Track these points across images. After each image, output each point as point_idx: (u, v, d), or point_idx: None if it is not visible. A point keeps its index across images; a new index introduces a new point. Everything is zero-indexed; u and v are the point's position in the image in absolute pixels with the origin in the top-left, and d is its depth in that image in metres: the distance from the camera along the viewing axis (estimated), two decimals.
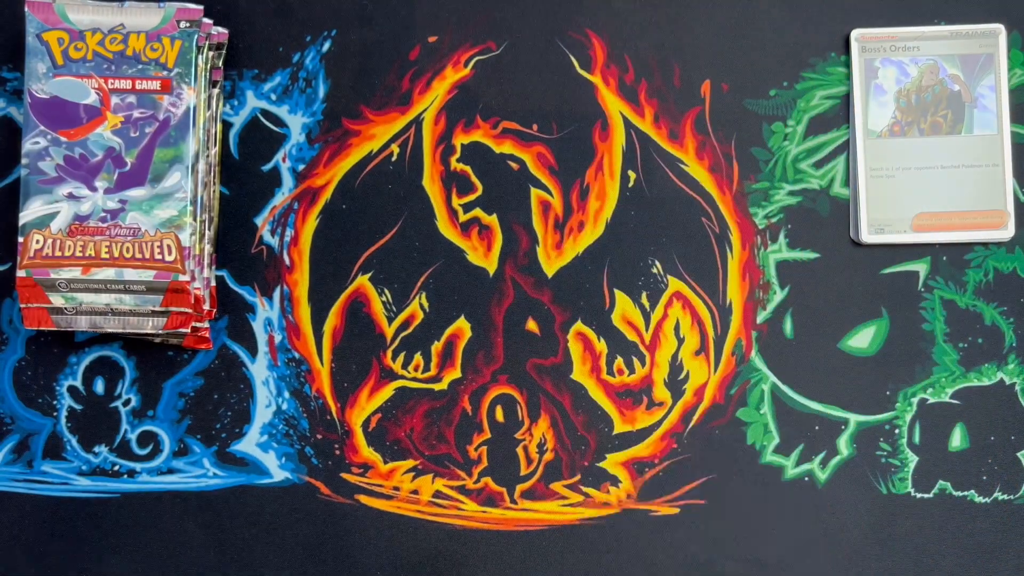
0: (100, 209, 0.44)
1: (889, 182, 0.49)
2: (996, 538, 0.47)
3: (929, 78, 0.49)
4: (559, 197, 0.47)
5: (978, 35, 0.49)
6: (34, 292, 0.44)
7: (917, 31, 0.49)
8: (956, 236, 0.48)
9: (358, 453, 0.47)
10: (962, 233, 0.48)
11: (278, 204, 0.47)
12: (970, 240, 0.47)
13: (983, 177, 0.49)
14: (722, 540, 0.47)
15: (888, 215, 0.48)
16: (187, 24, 0.45)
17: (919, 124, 0.49)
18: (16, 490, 0.47)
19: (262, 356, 0.47)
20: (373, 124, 0.47)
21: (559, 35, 0.48)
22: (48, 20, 0.45)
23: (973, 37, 0.49)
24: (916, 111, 0.49)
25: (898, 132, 0.49)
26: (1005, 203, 0.48)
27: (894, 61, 0.49)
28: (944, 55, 0.49)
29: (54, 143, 0.44)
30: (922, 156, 0.49)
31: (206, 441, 0.47)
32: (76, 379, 0.47)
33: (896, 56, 0.49)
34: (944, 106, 0.49)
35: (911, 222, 0.48)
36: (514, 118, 0.47)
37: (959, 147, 0.49)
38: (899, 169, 0.49)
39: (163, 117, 0.44)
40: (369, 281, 0.47)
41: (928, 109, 0.49)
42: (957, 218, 0.48)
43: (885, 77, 0.49)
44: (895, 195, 0.49)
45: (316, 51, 0.47)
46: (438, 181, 0.47)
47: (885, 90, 0.49)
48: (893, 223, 0.48)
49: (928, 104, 0.49)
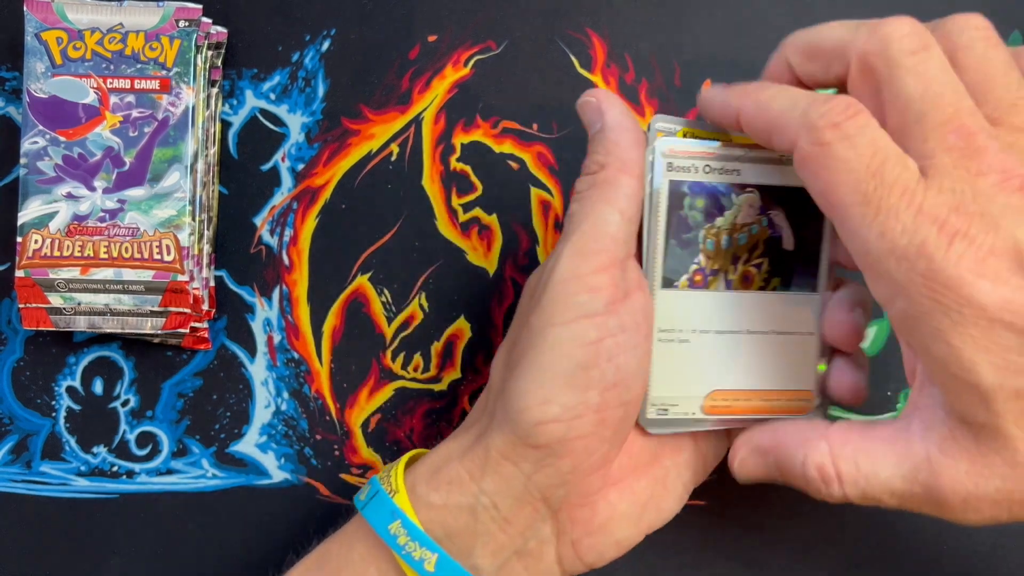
0: (99, 209, 0.44)
1: (681, 348, 0.38)
2: (996, 539, 0.47)
3: (747, 214, 0.38)
4: (559, 197, 0.47)
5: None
6: (33, 292, 0.44)
7: (737, 151, 0.37)
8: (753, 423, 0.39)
9: (358, 454, 0.47)
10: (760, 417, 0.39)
11: (277, 204, 0.47)
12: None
13: (794, 349, 0.39)
14: (722, 541, 0.47)
15: (675, 391, 0.38)
16: (186, 23, 0.45)
17: (727, 275, 0.38)
18: (15, 491, 0.46)
19: (261, 356, 0.47)
20: (372, 124, 0.47)
21: (559, 34, 0.48)
22: (47, 19, 0.44)
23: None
24: (725, 257, 0.38)
25: (699, 283, 0.38)
26: (813, 382, 0.39)
27: (706, 187, 0.38)
28: (767, 185, 0.38)
29: (53, 143, 0.44)
30: (723, 318, 0.38)
31: (205, 442, 0.47)
32: (75, 379, 0.47)
33: (710, 180, 0.37)
34: (760, 252, 0.38)
35: (702, 403, 0.39)
36: (514, 117, 0.47)
37: (772, 308, 0.38)
38: (695, 332, 0.38)
39: (162, 117, 0.44)
40: (368, 281, 0.47)
41: (740, 255, 0.38)
42: (759, 399, 0.39)
43: (692, 208, 0.38)
44: (686, 365, 0.38)
45: (315, 50, 0.47)
46: (438, 181, 0.47)
47: (690, 225, 0.38)
48: (680, 402, 0.38)
49: (741, 249, 0.38)
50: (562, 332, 0.36)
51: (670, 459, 0.40)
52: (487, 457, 0.36)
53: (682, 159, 0.37)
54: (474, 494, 0.36)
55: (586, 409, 0.35)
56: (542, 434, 0.35)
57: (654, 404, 0.39)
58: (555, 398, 0.35)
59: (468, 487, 0.37)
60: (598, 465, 0.37)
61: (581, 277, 0.36)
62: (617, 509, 0.38)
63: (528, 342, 0.36)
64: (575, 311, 0.36)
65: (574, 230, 0.37)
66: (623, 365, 0.36)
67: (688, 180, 0.37)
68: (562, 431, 0.35)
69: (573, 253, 0.36)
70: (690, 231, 0.38)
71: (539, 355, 0.36)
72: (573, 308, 0.36)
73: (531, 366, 0.36)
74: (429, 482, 0.37)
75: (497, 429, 0.37)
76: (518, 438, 0.36)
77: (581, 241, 0.36)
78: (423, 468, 0.38)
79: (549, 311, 0.36)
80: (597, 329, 0.35)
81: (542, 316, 0.36)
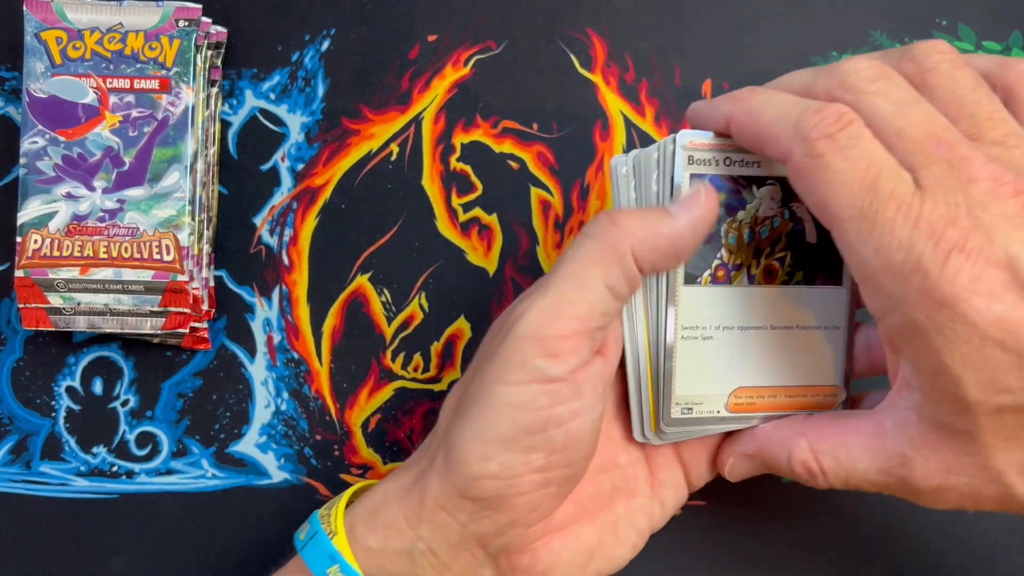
0: (98, 209, 0.44)
1: (705, 345, 0.37)
2: (999, 539, 0.46)
3: (768, 207, 0.37)
4: (559, 197, 0.47)
5: None
6: (32, 292, 0.44)
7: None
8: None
9: (357, 454, 0.47)
10: (787, 414, 0.39)
11: (277, 204, 0.47)
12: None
13: (819, 343, 0.38)
14: (723, 541, 0.47)
15: (701, 390, 0.38)
16: (186, 23, 0.45)
17: (750, 269, 0.38)
18: (14, 491, 0.46)
19: (261, 356, 0.47)
20: (372, 123, 0.47)
21: (559, 34, 0.47)
22: (46, 19, 0.44)
23: None
24: (747, 251, 0.37)
25: (722, 279, 0.37)
26: (840, 377, 0.39)
27: (727, 180, 0.37)
28: (786, 177, 0.36)
29: (52, 143, 0.44)
30: (747, 314, 0.37)
31: (205, 442, 0.47)
32: (74, 380, 0.47)
33: (731, 172, 0.37)
34: (783, 246, 0.38)
35: (727, 401, 0.38)
36: (514, 117, 0.47)
37: (796, 302, 0.38)
38: (718, 329, 0.37)
39: (161, 116, 0.44)
40: (368, 281, 0.47)
41: (763, 249, 0.38)
42: (783, 395, 0.38)
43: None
44: (710, 362, 0.38)
45: (315, 50, 0.47)
46: (438, 181, 0.47)
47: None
48: (705, 400, 0.38)
49: (764, 242, 0.37)
50: (511, 392, 0.33)
51: (623, 505, 0.39)
52: (423, 504, 0.35)
53: (702, 152, 0.36)
54: (411, 540, 0.35)
55: (528, 470, 0.34)
56: (479, 488, 0.34)
57: (678, 403, 0.38)
58: (495, 456, 0.34)
59: (405, 533, 0.35)
60: (540, 518, 0.36)
61: (544, 340, 0.33)
62: (560, 557, 0.37)
63: (476, 392, 0.35)
64: (529, 374, 0.33)
65: (555, 283, 0.34)
66: (574, 430, 0.34)
67: (708, 174, 0.36)
68: (500, 488, 0.34)
69: (544, 308, 0.34)
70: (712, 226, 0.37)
71: (484, 409, 0.34)
72: (527, 371, 0.33)
73: (475, 419, 0.34)
74: (368, 524, 0.36)
75: (436, 475, 0.35)
76: (455, 488, 0.34)
77: (556, 300, 0.34)
78: (362, 508, 0.37)
79: (503, 368, 0.34)
80: (549, 396, 0.33)
81: (495, 370, 0.34)
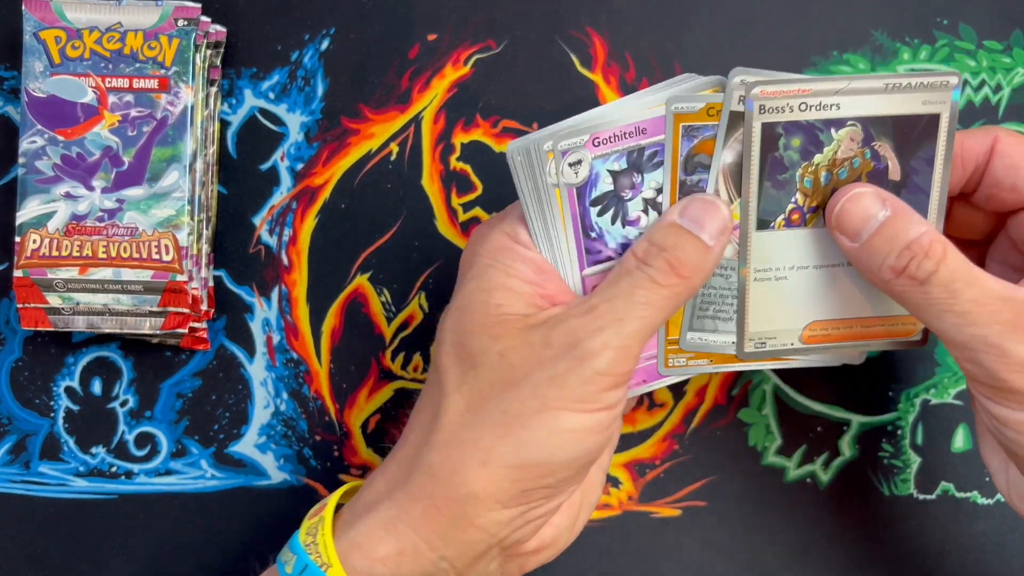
0: (97, 209, 0.44)
1: (778, 286, 0.38)
2: (999, 539, 0.46)
3: (847, 148, 0.36)
4: None
5: (923, 88, 0.36)
6: (31, 292, 0.44)
7: (836, 84, 0.35)
8: (855, 348, 0.40)
9: (357, 454, 0.47)
10: (863, 344, 0.40)
11: (276, 203, 0.47)
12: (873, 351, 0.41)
13: None
14: (723, 542, 0.46)
15: (773, 326, 0.39)
16: (185, 22, 0.45)
17: (825, 211, 0.37)
18: (13, 491, 0.46)
19: (260, 357, 0.47)
20: (372, 123, 0.47)
21: (560, 33, 0.47)
22: (45, 18, 0.44)
23: (915, 91, 0.36)
24: (823, 193, 0.37)
25: (796, 222, 0.37)
26: None
27: (802, 125, 0.36)
28: (871, 116, 0.36)
29: (51, 142, 0.44)
30: (822, 253, 0.38)
31: (204, 442, 0.47)
32: (73, 380, 0.47)
33: (806, 117, 0.36)
34: None
35: (800, 334, 0.39)
36: (514, 117, 0.47)
37: None
38: (792, 269, 0.38)
39: (161, 116, 0.44)
40: (368, 281, 0.47)
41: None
42: (859, 326, 0.39)
43: (788, 148, 0.36)
44: (783, 301, 0.38)
45: (315, 49, 0.47)
46: (437, 180, 0.47)
47: (786, 165, 0.36)
48: (779, 335, 0.39)
49: (841, 183, 0.37)
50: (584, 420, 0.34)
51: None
52: (454, 526, 0.35)
53: (775, 100, 0.35)
54: (432, 562, 0.35)
55: (527, 523, 0.36)
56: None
57: (751, 339, 0.38)
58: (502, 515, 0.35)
59: (424, 556, 0.35)
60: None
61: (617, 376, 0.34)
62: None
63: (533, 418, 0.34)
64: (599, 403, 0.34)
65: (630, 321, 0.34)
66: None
67: (782, 121, 0.36)
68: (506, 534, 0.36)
69: (621, 349, 0.34)
70: (786, 171, 0.36)
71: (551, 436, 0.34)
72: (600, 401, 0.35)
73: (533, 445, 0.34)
74: (367, 552, 0.35)
75: (483, 497, 0.35)
76: (500, 503, 0.35)
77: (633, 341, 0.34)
78: (358, 534, 0.35)
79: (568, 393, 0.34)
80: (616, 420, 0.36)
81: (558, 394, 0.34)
